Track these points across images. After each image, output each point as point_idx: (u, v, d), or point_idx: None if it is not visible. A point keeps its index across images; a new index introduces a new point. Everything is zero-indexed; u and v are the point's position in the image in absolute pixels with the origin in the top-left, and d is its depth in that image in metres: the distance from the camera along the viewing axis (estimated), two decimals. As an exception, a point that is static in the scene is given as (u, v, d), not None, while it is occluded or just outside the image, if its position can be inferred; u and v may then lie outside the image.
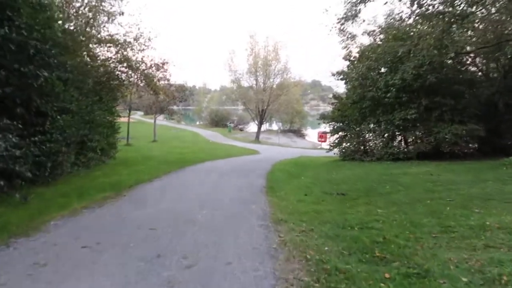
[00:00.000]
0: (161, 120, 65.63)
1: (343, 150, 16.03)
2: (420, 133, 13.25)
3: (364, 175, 10.87)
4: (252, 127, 50.17)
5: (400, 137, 15.14)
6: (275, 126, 54.41)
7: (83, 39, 13.94)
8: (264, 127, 45.12)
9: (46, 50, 7.77)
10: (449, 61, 13.31)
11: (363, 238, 4.90)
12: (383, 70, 14.63)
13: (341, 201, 7.78)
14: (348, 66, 15.98)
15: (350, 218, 6.04)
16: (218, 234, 5.02)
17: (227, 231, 5.22)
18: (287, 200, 7.83)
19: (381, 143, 14.10)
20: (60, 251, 4.45)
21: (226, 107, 63.45)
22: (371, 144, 15.02)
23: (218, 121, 53.28)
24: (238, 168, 14.60)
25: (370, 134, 15.32)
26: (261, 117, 36.55)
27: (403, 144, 14.99)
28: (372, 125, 14.48)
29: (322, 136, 31.32)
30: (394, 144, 14.23)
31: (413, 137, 13.68)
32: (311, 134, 47.90)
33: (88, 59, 12.36)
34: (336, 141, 17.00)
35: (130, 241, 4.79)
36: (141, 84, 18.11)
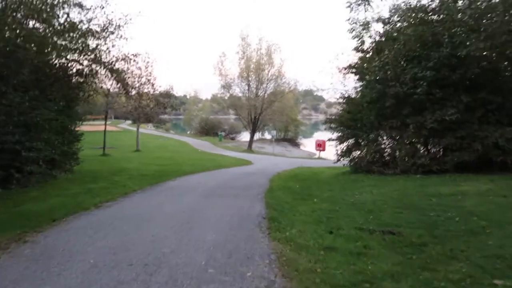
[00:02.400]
0: (149, 129, 62.16)
1: (356, 161, 12.78)
2: (459, 139, 10.07)
3: (401, 197, 7.60)
4: (244, 136, 46.89)
5: (421, 144, 11.94)
6: (267, 135, 51.26)
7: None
8: (257, 136, 41.91)
9: None
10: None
11: None
12: (403, 63, 11.50)
13: (396, 248, 4.46)
14: (361, 59, 12.88)
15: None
16: None
17: None
18: (305, 247, 4.47)
19: (405, 152, 10.87)
20: None
21: (218, 116, 60.19)
22: (391, 153, 11.79)
23: (208, 130, 49.76)
24: (228, 184, 11.23)
25: (389, 141, 12.09)
26: (254, 125, 33.26)
27: (422, 152, 11.82)
28: (393, 130, 11.25)
29: (320, 145, 28.19)
30: (424, 153, 10.99)
31: (448, 144, 10.43)
32: (306, 143, 44.78)
33: (18, 40, 8.95)
34: (344, 149, 13.76)
35: None
36: (109, 81, 14.78)
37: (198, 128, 53.84)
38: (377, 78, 10.66)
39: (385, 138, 12.10)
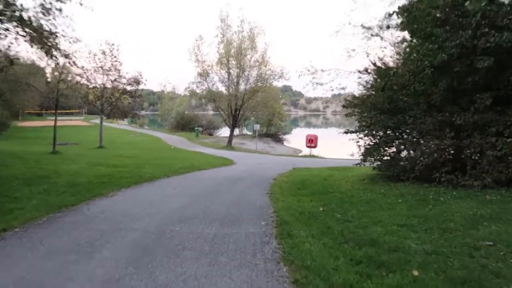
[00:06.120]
0: (122, 124, 55.38)
1: (398, 163, 7.88)
2: None
3: None
4: (223, 132, 41.50)
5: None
6: (247, 131, 46.02)
7: None
8: (236, 131, 36.67)
9: None
10: None
11: None
12: None
13: None
14: (405, 9, 8.00)
15: None
16: None
17: None
18: None
19: (508, 150, 5.94)
20: None
21: (197, 112, 54.32)
22: (468, 152, 6.92)
23: (184, 125, 43.73)
24: (199, 206, 6.05)
25: (466, 133, 7.19)
26: (234, 119, 28.01)
27: None
28: (477, 114, 6.36)
29: (312, 141, 23.42)
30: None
31: None
32: (290, 139, 39.96)
33: None
34: (369, 146, 8.91)
35: None
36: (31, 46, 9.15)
37: (173, 123, 47.75)
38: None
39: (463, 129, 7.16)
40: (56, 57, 9.43)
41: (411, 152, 7.62)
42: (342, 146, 23.55)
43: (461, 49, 6.03)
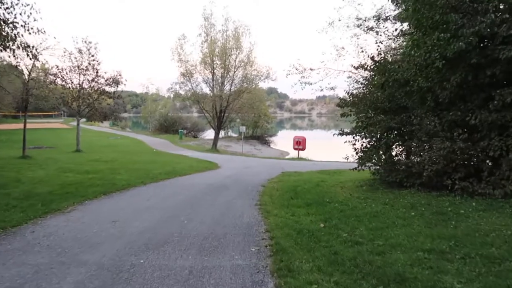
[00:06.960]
0: (103, 127, 53.25)
1: (401, 168, 7.01)
2: None
3: None
4: (208, 134, 40.19)
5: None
6: (232, 133, 44.85)
7: None
8: (222, 133, 35.45)
9: None
10: None
11: None
12: None
13: None
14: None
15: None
16: None
17: None
18: None
19: None
20: None
21: (181, 114, 52.78)
22: (484, 156, 6.06)
23: (168, 127, 42.05)
24: (177, 224, 4.94)
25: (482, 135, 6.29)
26: (219, 120, 26.83)
27: None
28: (496, 112, 5.46)
29: (300, 143, 22.55)
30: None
31: None
32: (276, 141, 39.02)
33: None
34: (366, 149, 8.06)
35: None
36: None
37: (157, 125, 46.00)
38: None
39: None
40: (12, 49, 8.09)
41: (417, 156, 6.74)
42: (330, 149, 22.80)
43: (479, 37, 5.19)
